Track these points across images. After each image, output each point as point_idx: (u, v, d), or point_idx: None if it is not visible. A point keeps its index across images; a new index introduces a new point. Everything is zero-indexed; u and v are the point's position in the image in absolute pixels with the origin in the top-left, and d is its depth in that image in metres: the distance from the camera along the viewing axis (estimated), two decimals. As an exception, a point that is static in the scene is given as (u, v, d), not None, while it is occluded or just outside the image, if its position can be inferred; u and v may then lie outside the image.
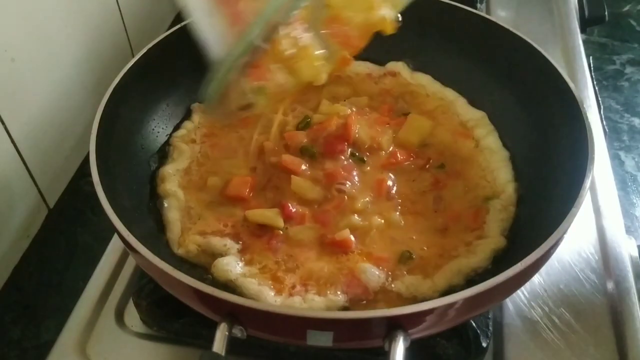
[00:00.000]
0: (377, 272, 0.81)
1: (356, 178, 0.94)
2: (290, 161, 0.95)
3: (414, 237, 0.88)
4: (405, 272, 0.82)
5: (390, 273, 0.82)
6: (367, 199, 0.92)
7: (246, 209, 0.91)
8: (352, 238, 0.86)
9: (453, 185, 0.96)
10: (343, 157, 0.96)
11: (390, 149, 1.00)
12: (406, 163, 0.99)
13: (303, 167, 0.94)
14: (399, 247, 0.86)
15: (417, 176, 0.97)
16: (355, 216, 0.89)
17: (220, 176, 0.97)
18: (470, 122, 1.06)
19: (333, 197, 0.91)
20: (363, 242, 0.87)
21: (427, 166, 0.99)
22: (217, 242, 0.86)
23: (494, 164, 0.97)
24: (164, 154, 1.02)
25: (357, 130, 0.99)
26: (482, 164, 0.99)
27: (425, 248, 0.86)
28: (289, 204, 0.89)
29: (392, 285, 0.81)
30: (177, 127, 1.06)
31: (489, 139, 1.01)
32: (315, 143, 0.97)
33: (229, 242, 0.86)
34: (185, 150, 1.01)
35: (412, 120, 1.05)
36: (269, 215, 0.88)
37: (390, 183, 0.95)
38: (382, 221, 0.89)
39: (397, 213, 0.91)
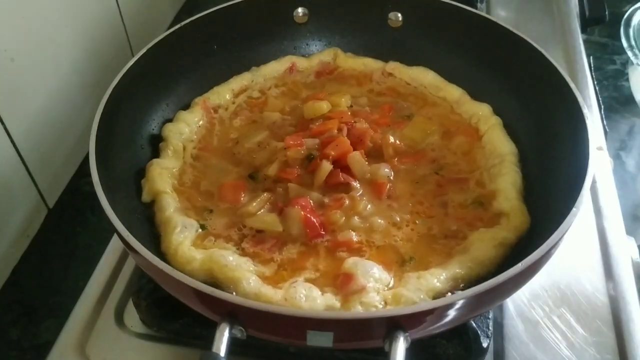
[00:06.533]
0: (378, 272, 0.81)
1: (357, 180, 0.94)
2: (287, 172, 0.94)
3: (416, 238, 0.88)
4: (407, 272, 0.82)
5: (392, 272, 0.82)
6: (369, 200, 0.91)
7: (243, 212, 0.90)
8: (355, 239, 0.86)
9: (456, 187, 0.95)
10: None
11: (391, 151, 0.99)
12: (408, 165, 0.99)
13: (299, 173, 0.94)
14: (400, 248, 0.86)
15: (420, 178, 0.97)
16: (357, 218, 0.89)
17: (215, 180, 0.97)
18: (474, 117, 1.06)
19: (334, 200, 0.90)
20: (365, 242, 0.87)
21: (430, 168, 0.98)
22: (215, 244, 0.86)
23: (497, 164, 0.96)
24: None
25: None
26: (484, 164, 0.98)
27: (427, 248, 0.86)
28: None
29: (394, 285, 0.80)
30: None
31: (494, 133, 1.01)
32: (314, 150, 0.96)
33: (226, 245, 0.86)
34: (180, 150, 1.00)
35: (416, 121, 1.06)
36: (268, 221, 0.88)
37: (391, 185, 0.94)
38: (384, 222, 0.89)
39: (399, 214, 0.91)
